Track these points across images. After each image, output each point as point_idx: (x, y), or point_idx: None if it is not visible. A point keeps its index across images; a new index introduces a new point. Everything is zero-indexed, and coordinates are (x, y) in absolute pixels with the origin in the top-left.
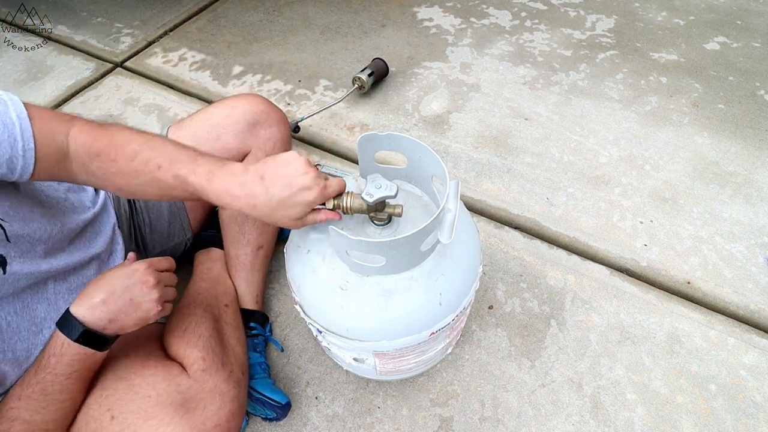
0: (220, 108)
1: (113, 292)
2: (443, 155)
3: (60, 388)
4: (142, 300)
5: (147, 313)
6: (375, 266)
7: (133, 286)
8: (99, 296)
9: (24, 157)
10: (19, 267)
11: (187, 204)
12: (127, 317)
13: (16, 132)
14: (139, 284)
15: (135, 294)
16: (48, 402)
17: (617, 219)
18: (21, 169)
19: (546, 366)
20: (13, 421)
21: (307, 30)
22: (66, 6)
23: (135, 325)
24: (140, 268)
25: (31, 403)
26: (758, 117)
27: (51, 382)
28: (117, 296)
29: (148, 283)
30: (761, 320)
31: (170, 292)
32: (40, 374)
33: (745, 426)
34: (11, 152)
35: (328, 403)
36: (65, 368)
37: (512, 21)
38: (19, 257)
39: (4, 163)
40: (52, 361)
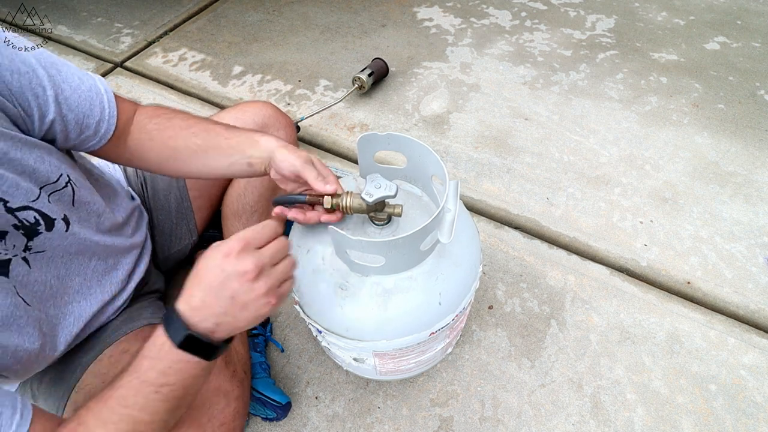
0: (231, 112)
1: (210, 290)
2: (443, 155)
3: (144, 402)
4: (246, 298)
5: (259, 311)
6: (375, 266)
7: (229, 281)
8: (197, 296)
9: (108, 123)
10: (78, 229)
11: (194, 204)
12: (236, 319)
13: (104, 101)
14: (236, 278)
15: (236, 291)
16: (121, 419)
17: (617, 219)
18: (102, 134)
19: (546, 366)
20: (80, 426)
21: (307, 30)
22: (66, 6)
23: (250, 324)
24: (232, 250)
25: (103, 412)
26: (758, 117)
27: (135, 392)
28: (215, 295)
29: (247, 276)
30: (761, 320)
31: (282, 271)
32: (126, 377)
33: (745, 426)
34: (100, 116)
35: (328, 403)
36: (157, 377)
37: (512, 21)
38: (77, 223)
39: (94, 124)
40: (144, 364)
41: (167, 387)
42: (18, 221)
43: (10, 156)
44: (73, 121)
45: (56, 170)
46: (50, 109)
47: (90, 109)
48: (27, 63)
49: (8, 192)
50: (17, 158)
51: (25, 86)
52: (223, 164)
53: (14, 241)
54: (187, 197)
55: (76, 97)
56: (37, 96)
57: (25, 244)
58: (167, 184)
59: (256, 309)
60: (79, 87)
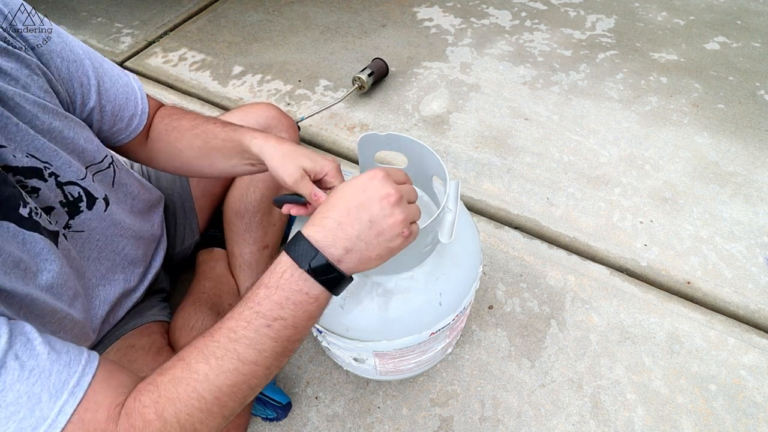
0: (235, 113)
1: (348, 211)
2: (443, 155)
3: (253, 336)
4: (384, 224)
5: (392, 242)
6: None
7: (370, 202)
8: (333, 216)
9: (140, 117)
10: (115, 210)
11: (196, 204)
12: (369, 248)
13: (138, 97)
14: (378, 200)
15: (375, 213)
16: (226, 354)
17: (617, 219)
18: (133, 128)
19: (546, 366)
20: (180, 360)
21: (307, 30)
22: (66, 6)
23: (377, 259)
24: (377, 176)
25: (208, 346)
26: (758, 117)
27: (246, 323)
28: (353, 217)
29: (389, 198)
30: (761, 320)
31: (415, 209)
32: (239, 308)
33: (745, 426)
34: (134, 110)
35: (328, 403)
36: (273, 308)
37: (512, 21)
38: (115, 203)
39: (127, 117)
40: (260, 293)
41: (280, 322)
42: (64, 196)
43: (64, 134)
44: (110, 112)
45: (102, 151)
46: (92, 98)
47: (126, 103)
48: (75, 52)
49: (61, 168)
50: (70, 137)
51: (73, 73)
52: (227, 165)
53: (57, 218)
54: (190, 197)
55: (115, 90)
56: (82, 84)
57: (66, 222)
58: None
59: (390, 238)
60: (118, 81)
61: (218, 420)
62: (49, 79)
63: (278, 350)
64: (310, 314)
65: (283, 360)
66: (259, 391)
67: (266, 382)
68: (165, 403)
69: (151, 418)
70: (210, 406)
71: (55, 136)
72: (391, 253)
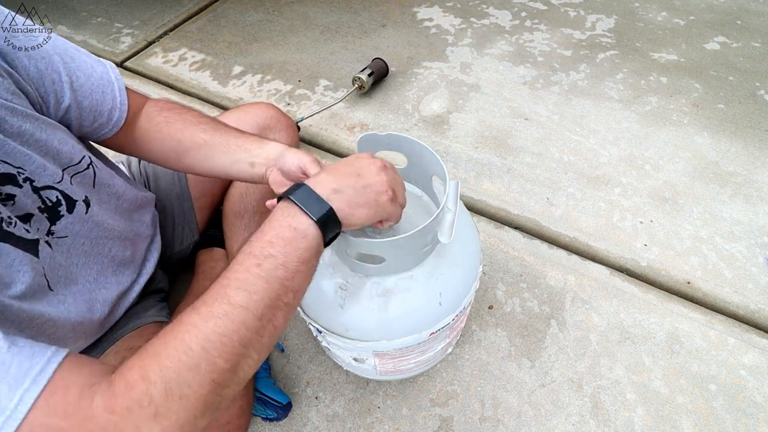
0: (233, 113)
1: (339, 165)
2: (443, 155)
3: (244, 277)
4: (371, 178)
5: (378, 196)
6: (375, 266)
7: (359, 161)
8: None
9: (120, 110)
10: (98, 211)
11: (195, 204)
12: (356, 194)
13: (115, 88)
14: (367, 163)
15: (363, 169)
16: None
17: (617, 219)
18: (115, 122)
19: (546, 366)
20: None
21: (307, 30)
22: (66, 6)
23: (365, 207)
24: (366, 155)
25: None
26: (758, 117)
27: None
28: (343, 170)
29: (377, 163)
30: (761, 320)
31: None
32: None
33: (745, 426)
34: (112, 104)
35: (328, 403)
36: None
37: (512, 21)
38: (98, 204)
39: (107, 111)
40: (254, 237)
41: (270, 260)
42: (42, 202)
43: (36, 137)
44: (88, 108)
45: (79, 152)
46: (66, 95)
47: (103, 97)
48: (43, 49)
49: (35, 172)
50: (43, 139)
51: (42, 71)
52: (225, 162)
53: (38, 225)
54: (188, 197)
55: (90, 84)
56: (53, 81)
57: (48, 228)
58: (170, 184)
59: (377, 192)
60: (92, 74)
61: (207, 387)
62: (17, 80)
63: (270, 295)
64: (300, 255)
65: (277, 315)
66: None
67: (258, 344)
68: (150, 361)
69: (135, 379)
70: (197, 360)
71: (26, 140)
72: (377, 208)
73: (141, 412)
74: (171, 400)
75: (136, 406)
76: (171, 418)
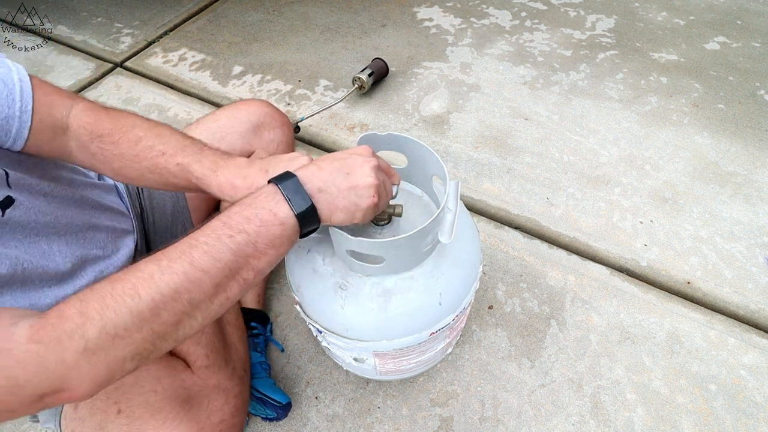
0: (227, 111)
1: (332, 160)
2: (443, 155)
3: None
4: (359, 179)
5: (360, 200)
6: (375, 266)
7: (353, 159)
8: (315, 163)
9: (20, 119)
10: (21, 213)
11: (190, 203)
12: (339, 195)
13: (15, 92)
14: (361, 161)
15: (354, 168)
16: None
17: (617, 219)
18: (15, 132)
19: (546, 366)
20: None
21: (307, 30)
22: (66, 6)
23: (342, 211)
24: (367, 148)
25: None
26: (758, 117)
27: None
28: (334, 165)
29: (371, 162)
30: (761, 320)
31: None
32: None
33: (745, 426)
34: (8, 111)
35: (328, 403)
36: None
37: (512, 21)
38: (24, 204)
39: (0, 121)
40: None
41: (243, 235)
42: None
43: None
44: None
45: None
46: None
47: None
48: None
49: None
50: None
51: None
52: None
53: None
54: (183, 196)
55: None
56: None
57: None
58: None
59: (361, 195)
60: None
61: (144, 334)
62: None
63: (232, 267)
64: (272, 238)
65: (233, 286)
66: (198, 321)
67: (207, 309)
68: (92, 299)
69: (71, 313)
70: (142, 308)
71: None
72: (356, 211)
73: (70, 343)
74: (104, 338)
75: (66, 338)
76: (99, 356)
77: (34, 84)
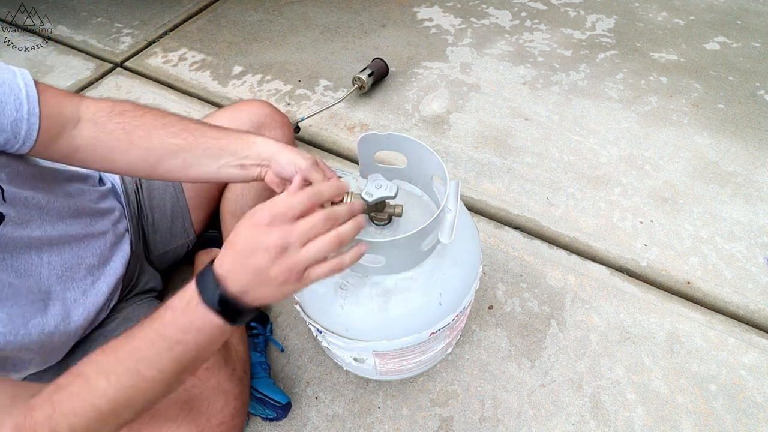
0: (228, 111)
1: (238, 258)
2: (443, 155)
3: (154, 357)
4: (268, 274)
5: (283, 286)
6: (375, 266)
7: (255, 252)
8: (228, 260)
9: (28, 122)
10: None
11: (190, 203)
12: (263, 288)
13: (22, 96)
14: (262, 251)
15: (260, 264)
16: (126, 371)
17: (617, 219)
18: (24, 135)
19: (546, 366)
20: (77, 378)
21: (307, 30)
22: (66, 6)
23: (275, 301)
24: (261, 223)
25: (109, 362)
26: (758, 117)
27: (149, 345)
28: (242, 264)
29: (270, 252)
30: (761, 320)
31: (313, 252)
32: (145, 329)
33: (745, 426)
34: (16, 115)
35: (328, 403)
36: (176, 332)
37: (512, 21)
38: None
39: (8, 126)
40: (167, 316)
41: (182, 346)
42: None
43: None
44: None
45: None
46: None
47: (1, 109)
48: None
49: None
50: None
51: None
52: (211, 168)
53: None
54: (182, 196)
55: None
56: None
57: None
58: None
59: (279, 284)
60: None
61: (112, 426)
62: None
63: (179, 370)
64: (211, 340)
65: (185, 377)
66: (153, 404)
67: (166, 395)
68: (60, 419)
69: (41, 418)
70: (106, 417)
71: None
72: (287, 293)
73: None
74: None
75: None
76: None
77: (40, 88)
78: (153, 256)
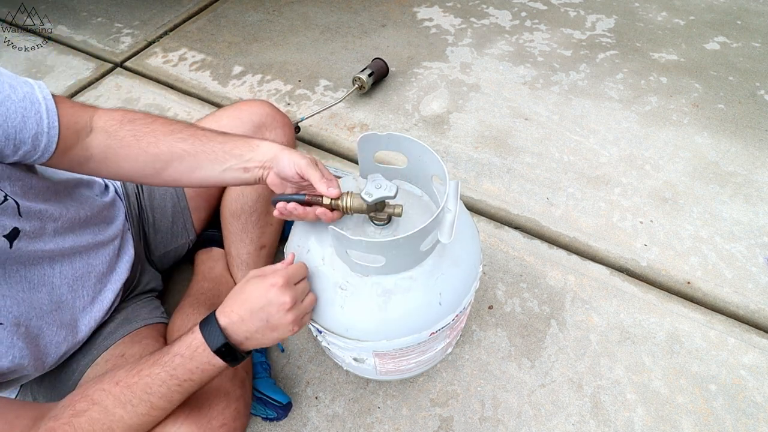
0: (228, 111)
1: (251, 311)
2: (443, 155)
3: (165, 392)
4: (278, 323)
5: (283, 335)
6: (375, 266)
7: (269, 306)
8: (237, 313)
9: (48, 135)
10: (27, 243)
11: (191, 203)
12: (263, 337)
13: (42, 110)
14: (276, 305)
15: (272, 315)
16: (141, 402)
17: (617, 219)
18: (44, 147)
19: (546, 366)
20: (94, 405)
21: (307, 30)
22: (66, 6)
23: (271, 343)
24: (277, 284)
25: (125, 394)
26: (758, 117)
27: (160, 383)
28: (254, 315)
29: (284, 306)
30: (761, 320)
31: (307, 305)
32: (155, 368)
33: (745, 426)
34: (37, 129)
35: (328, 403)
36: (185, 373)
37: (512, 21)
38: (30, 233)
39: (29, 139)
40: (176, 360)
41: (189, 383)
42: None
43: None
44: (3, 137)
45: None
46: None
47: (23, 123)
48: None
49: None
50: None
51: None
52: (215, 170)
53: None
54: (183, 196)
55: (4, 110)
56: None
57: None
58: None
59: (281, 333)
60: (9, 98)
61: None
62: None
63: (182, 399)
64: (212, 376)
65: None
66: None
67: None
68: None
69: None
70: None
71: None
72: (281, 339)
73: None
74: None
75: None
76: None
77: (56, 99)
78: (154, 256)
